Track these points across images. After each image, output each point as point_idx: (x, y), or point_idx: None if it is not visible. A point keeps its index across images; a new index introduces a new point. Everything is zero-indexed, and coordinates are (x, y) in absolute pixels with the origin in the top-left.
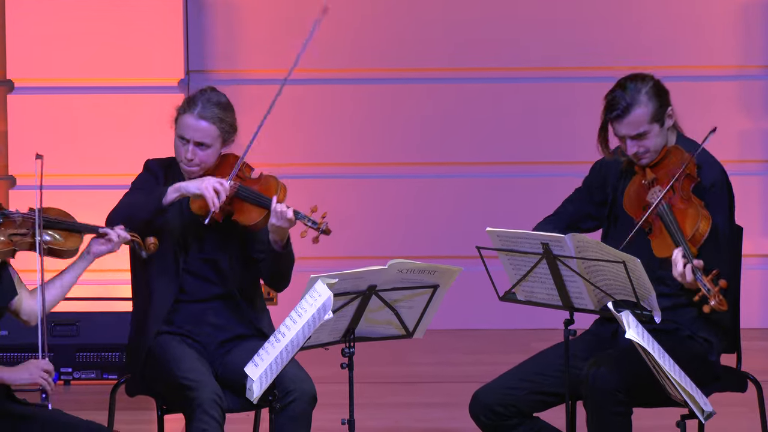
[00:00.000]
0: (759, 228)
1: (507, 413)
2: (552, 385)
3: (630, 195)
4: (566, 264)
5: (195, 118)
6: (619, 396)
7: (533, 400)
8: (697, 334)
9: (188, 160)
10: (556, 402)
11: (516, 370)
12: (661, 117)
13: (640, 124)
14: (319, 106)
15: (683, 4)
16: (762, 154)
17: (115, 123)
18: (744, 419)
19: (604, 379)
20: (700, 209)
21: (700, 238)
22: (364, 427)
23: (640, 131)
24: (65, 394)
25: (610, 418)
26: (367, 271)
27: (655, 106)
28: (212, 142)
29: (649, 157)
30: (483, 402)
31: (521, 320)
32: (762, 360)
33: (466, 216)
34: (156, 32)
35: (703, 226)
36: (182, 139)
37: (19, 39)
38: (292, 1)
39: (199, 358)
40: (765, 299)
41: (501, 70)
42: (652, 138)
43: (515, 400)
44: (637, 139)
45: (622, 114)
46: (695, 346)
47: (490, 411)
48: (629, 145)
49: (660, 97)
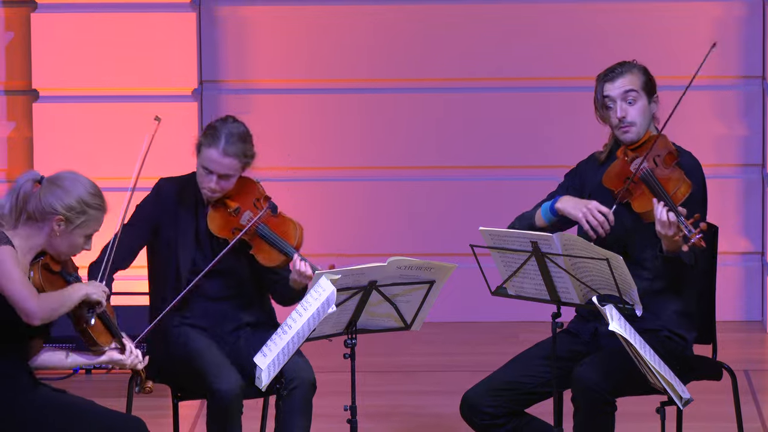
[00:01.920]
0: (734, 227)
1: (497, 413)
2: (537, 385)
3: (610, 172)
4: (553, 261)
5: (220, 154)
6: (606, 397)
7: (521, 398)
8: (674, 332)
9: (212, 190)
10: (541, 398)
11: (502, 372)
12: (649, 93)
13: (631, 84)
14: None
15: (662, 19)
16: (736, 158)
17: (134, 129)
18: (719, 406)
19: (591, 380)
20: (682, 175)
21: (682, 197)
22: (365, 413)
23: (629, 89)
24: (87, 382)
25: (597, 415)
26: (368, 268)
27: (645, 78)
28: (235, 173)
29: (634, 132)
30: (473, 404)
31: (512, 313)
32: (736, 350)
33: (459, 216)
34: (171, 45)
35: (683, 189)
36: (206, 169)
37: (43, 51)
38: (298, 16)
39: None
40: (739, 294)
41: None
42: (639, 108)
43: (504, 401)
44: (625, 101)
45: (616, 75)
46: (673, 345)
47: (481, 412)
48: (618, 108)
49: (650, 78)
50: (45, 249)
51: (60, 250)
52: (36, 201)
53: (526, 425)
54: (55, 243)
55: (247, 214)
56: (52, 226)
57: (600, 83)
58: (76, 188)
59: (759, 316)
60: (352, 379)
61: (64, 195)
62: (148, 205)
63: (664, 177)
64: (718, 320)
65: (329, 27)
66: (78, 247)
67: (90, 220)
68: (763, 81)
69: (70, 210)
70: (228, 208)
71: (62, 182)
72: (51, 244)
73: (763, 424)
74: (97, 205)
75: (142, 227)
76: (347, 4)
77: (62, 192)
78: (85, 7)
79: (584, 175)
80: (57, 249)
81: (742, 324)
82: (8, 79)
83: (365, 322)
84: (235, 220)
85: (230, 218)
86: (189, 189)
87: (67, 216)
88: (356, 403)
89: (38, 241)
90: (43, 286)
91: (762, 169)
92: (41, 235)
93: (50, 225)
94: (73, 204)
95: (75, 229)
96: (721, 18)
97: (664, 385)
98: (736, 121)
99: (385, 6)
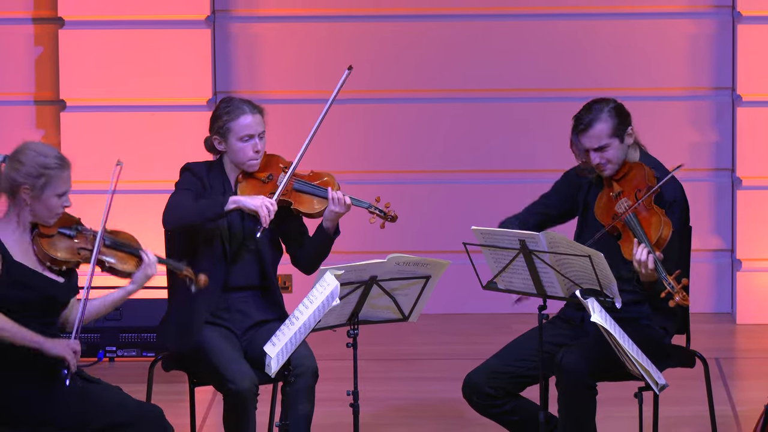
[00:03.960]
0: (706, 227)
1: (496, 394)
2: (530, 369)
3: (600, 205)
4: (540, 258)
5: (251, 115)
6: (586, 380)
7: (517, 382)
8: (654, 323)
9: (256, 152)
10: (533, 382)
11: (500, 356)
12: (620, 134)
13: (601, 137)
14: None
15: (641, 35)
16: (708, 163)
17: (153, 136)
18: (693, 391)
19: (572, 363)
20: (662, 217)
21: (663, 243)
22: (366, 398)
23: (602, 144)
24: (110, 369)
25: (579, 398)
26: (369, 264)
27: (615, 122)
28: (264, 128)
29: (611, 169)
30: (474, 385)
31: (501, 306)
32: (708, 340)
33: (453, 217)
34: (188, 59)
35: (665, 232)
36: (247, 138)
37: (70, 65)
38: (305, 32)
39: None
40: (711, 287)
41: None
42: (612, 151)
43: (502, 383)
44: (599, 151)
45: (585, 128)
46: (652, 333)
47: (481, 393)
48: (592, 157)
49: (620, 117)
50: (35, 221)
51: (42, 216)
52: (3, 180)
53: (521, 407)
54: (34, 210)
55: (281, 176)
56: (22, 196)
57: (574, 133)
58: (28, 156)
59: (728, 309)
60: (355, 366)
61: (20, 166)
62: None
63: (646, 220)
64: (692, 312)
65: (334, 42)
66: (56, 208)
67: (52, 179)
68: (732, 92)
69: (29, 176)
70: (259, 178)
71: (17, 156)
72: (33, 214)
73: (733, 408)
74: (54, 164)
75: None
76: (351, 21)
77: (18, 164)
78: (108, 24)
79: (576, 190)
80: (39, 215)
81: (713, 315)
82: (38, 90)
83: (366, 314)
84: (270, 184)
85: (264, 185)
86: (215, 170)
87: (30, 182)
88: (358, 388)
89: (23, 217)
90: (49, 253)
91: (732, 173)
92: (22, 209)
93: (21, 196)
94: (30, 170)
95: (43, 191)
96: (695, 34)
97: (641, 372)
98: (708, 129)
99: (386, 23)
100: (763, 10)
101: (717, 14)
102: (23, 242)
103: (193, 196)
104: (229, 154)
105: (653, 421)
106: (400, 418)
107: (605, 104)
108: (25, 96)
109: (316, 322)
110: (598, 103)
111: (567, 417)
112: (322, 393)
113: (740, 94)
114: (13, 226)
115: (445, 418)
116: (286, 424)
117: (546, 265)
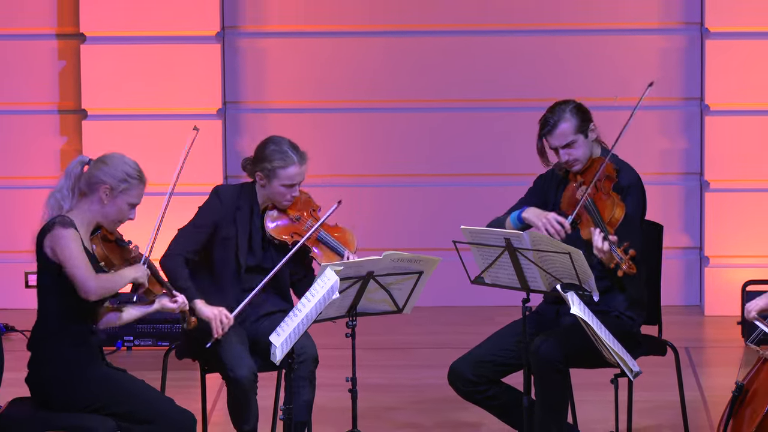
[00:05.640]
0: (676, 226)
1: (479, 381)
2: (511, 357)
3: (565, 198)
4: (524, 254)
5: (298, 167)
6: (557, 364)
7: (498, 370)
8: (623, 314)
9: (293, 197)
10: (514, 370)
11: (483, 346)
12: (584, 129)
13: (567, 135)
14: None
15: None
16: (678, 168)
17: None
18: (664, 377)
19: (546, 350)
20: (616, 200)
21: (616, 222)
22: (364, 384)
23: (568, 141)
24: (128, 357)
25: (550, 381)
26: (366, 260)
27: (578, 120)
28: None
29: (579, 165)
30: (459, 373)
31: (488, 299)
32: (679, 330)
33: (444, 217)
34: (199, 71)
35: (618, 213)
36: (289, 186)
37: (91, 77)
38: (307, 47)
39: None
40: (681, 282)
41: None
42: (579, 147)
43: (485, 371)
44: (566, 148)
45: (552, 129)
46: (623, 324)
47: (465, 380)
48: (562, 154)
49: (582, 114)
50: (99, 221)
51: (110, 217)
52: (86, 177)
53: (502, 392)
54: (105, 210)
55: (309, 222)
56: (100, 195)
57: (540, 135)
58: (117, 162)
59: (697, 301)
60: (353, 354)
61: (107, 168)
62: (212, 207)
63: (602, 203)
64: (663, 305)
65: (334, 56)
66: (125, 213)
67: (131, 188)
68: (701, 102)
69: (113, 178)
70: (288, 215)
71: (106, 159)
72: (102, 213)
73: (702, 393)
74: (136, 175)
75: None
76: (350, 36)
77: (106, 166)
78: (126, 39)
79: (548, 188)
80: (107, 215)
81: (683, 308)
82: (61, 101)
83: (364, 307)
84: (298, 226)
85: (292, 224)
86: (245, 196)
87: (111, 184)
88: (356, 375)
89: (92, 213)
90: (106, 254)
91: (700, 177)
92: (94, 205)
93: (98, 194)
94: (115, 173)
95: (119, 195)
96: (666, 48)
97: (617, 360)
98: (678, 136)
99: (381, 38)
100: (729, 26)
101: (686, 30)
102: (86, 239)
103: (199, 237)
104: (266, 190)
105: (628, 405)
106: (395, 402)
107: (566, 105)
108: (49, 105)
109: (317, 314)
110: (559, 105)
111: (542, 399)
112: (323, 379)
113: (708, 104)
114: (78, 218)
115: (435, 402)
116: (289, 407)
117: (529, 262)
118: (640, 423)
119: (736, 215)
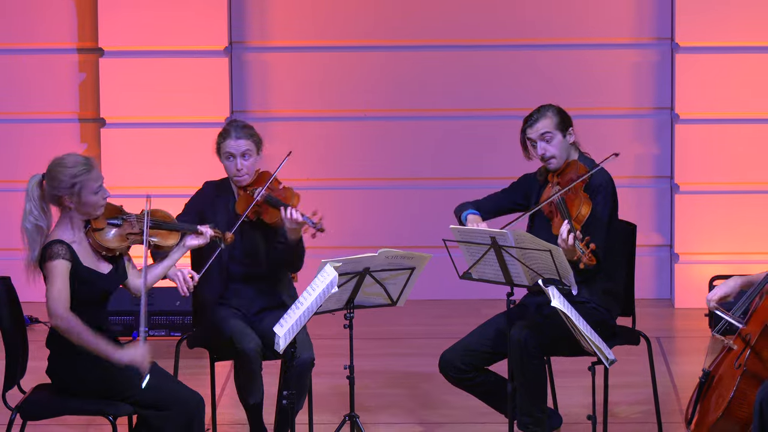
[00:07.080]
0: (648, 226)
1: (467, 369)
2: (497, 346)
3: (544, 198)
4: (508, 252)
5: (233, 139)
6: (532, 351)
7: (484, 358)
8: (599, 305)
9: (238, 170)
10: (499, 358)
11: (471, 337)
12: (563, 129)
13: (546, 127)
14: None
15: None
16: (651, 171)
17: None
18: (638, 365)
19: (523, 338)
20: (583, 199)
21: (583, 219)
22: (361, 371)
23: (546, 131)
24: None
25: (528, 367)
26: (363, 257)
27: (558, 119)
28: (250, 150)
29: (555, 163)
30: (449, 361)
31: (475, 292)
32: (651, 321)
33: (434, 217)
34: (209, 83)
35: (584, 210)
36: (230, 156)
37: (109, 88)
38: (309, 61)
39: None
40: (654, 277)
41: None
42: (556, 144)
43: (472, 359)
44: (543, 140)
45: (533, 122)
46: (599, 314)
47: (455, 368)
48: (539, 147)
49: (562, 116)
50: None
51: (89, 212)
52: (47, 196)
53: (489, 379)
54: (80, 210)
55: (258, 189)
56: (66, 204)
57: (523, 129)
58: (59, 170)
59: (668, 295)
60: (351, 344)
61: (55, 181)
62: (196, 199)
63: (570, 201)
64: (636, 298)
65: (333, 68)
66: (98, 202)
67: (85, 182)
68: (671, 111)
69: (64, 186)
70: (248, 191)
71: (51, 172)
72: (79, 213)
73: (672, 379)
74: (82, 171)
75: (191, 214)
76: (348, 51)
77: (53, 180)
78: (142, 54)
79: (531, 187)
80: (84, 212)
81: (655, 301)
82: (81, 110)
83: (361, 300)
84: (252, 197)
85: (249, 197)
86: (224, 186)
87: (66, 191)
88: (354, 363)
89: (72, 217)
90: (103, 243)
91: (671, 180)
92: (69, 212)
93: (65, 204)
94: (64, 179)
95: (81, 193)
96: (639, 62)
97: (594, 349)
98: (650, 142)
99: (377, 53)
100: (697, 41)
101: (658, 45)
102: (83, 241)
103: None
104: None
105: (604, 390)
106: (389, 387)
107: (550, 106)
108: (70, 115)
109: (317, 306)
110: (544, 105)
111: (522, 384)
112: (323, 367)
113: (678, 113)
114: (69, 229)
115: (426, 388)
116: (292, 393)
117: (513, 258)
118: (616, 407)
119: (703, 215)
